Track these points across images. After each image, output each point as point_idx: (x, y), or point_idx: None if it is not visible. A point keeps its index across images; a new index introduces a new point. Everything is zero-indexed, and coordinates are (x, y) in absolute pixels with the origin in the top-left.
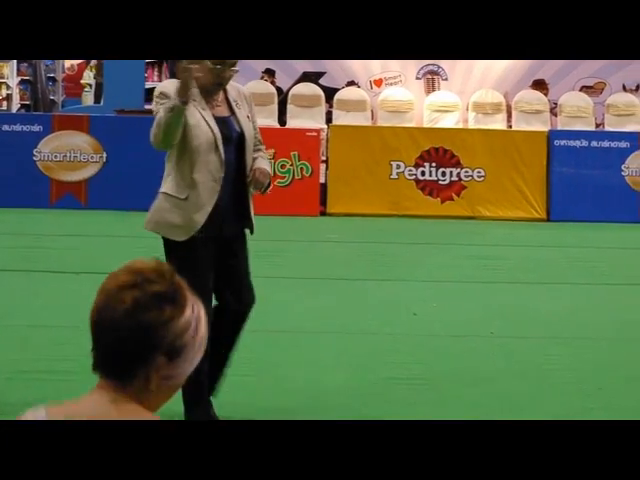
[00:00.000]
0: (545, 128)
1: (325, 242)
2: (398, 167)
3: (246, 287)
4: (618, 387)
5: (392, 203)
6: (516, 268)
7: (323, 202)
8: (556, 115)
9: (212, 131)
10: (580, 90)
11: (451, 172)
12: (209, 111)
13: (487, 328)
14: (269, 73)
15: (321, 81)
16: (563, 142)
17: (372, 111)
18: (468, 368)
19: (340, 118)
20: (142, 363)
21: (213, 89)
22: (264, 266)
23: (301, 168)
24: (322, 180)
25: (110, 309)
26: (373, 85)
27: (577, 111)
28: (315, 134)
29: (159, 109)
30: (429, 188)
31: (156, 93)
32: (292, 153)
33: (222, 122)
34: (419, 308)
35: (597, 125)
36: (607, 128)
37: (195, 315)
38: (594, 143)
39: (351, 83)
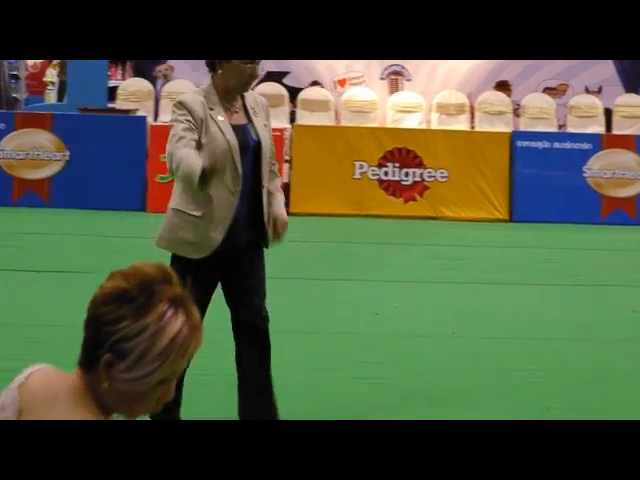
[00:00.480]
0: (508, 129)
1: (288, 242)
2: (361, 167)
3: (259, 300)
4: (579, 387)
5: (355, 203)
6: (478, 268)
7: (286, 202)
8: (519, 116)
9: (228, 142)
10: (543, 92)
11: (414, 172)
12: (226, 119)
13: (449, 328)
14: None
15: (285, 81)
16: (526, 143)
17: (336, 111)
18: (429, 368)
19: (304, 118)
20: (92, 356)
21: (240, 89)
22: None
23: None
24: (285, 180)
25: (94, 296)
26: (337, 85)
27: (540, 112)
28: (278, 134)
29: (179, 129)
30: (392, 188)
31: (176, 103)
32: None
33: (239, 130)
34: (381, 308)
35: (560, 126)
36: (569, 129)
37: (161, 324)
38: (556, 144)
39: (315, 83)
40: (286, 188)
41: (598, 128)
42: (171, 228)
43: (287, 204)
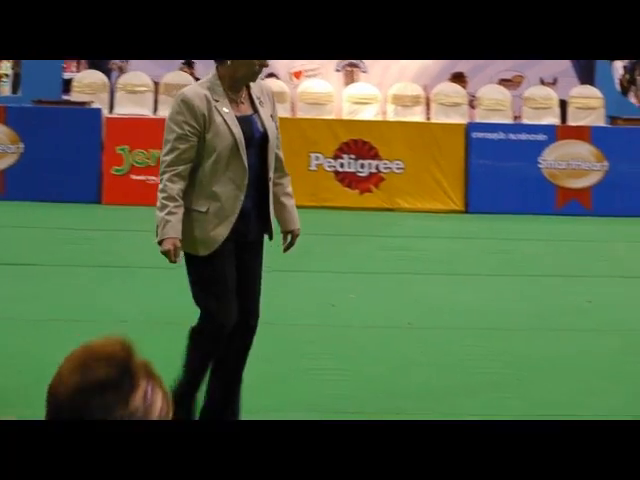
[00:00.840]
0: (463, 121)
1: None
2: (317, 159)
3: (254, 298)
4: (534, 378)
5: (311, 194)
6: (434, 259)
7: None
8: (474, 108)
9: (234, 135)
10: (498, 83)
11: (370, 164)
12: (232, 111)
13: (404, 319)
14: (188, 64)
15: None
16: (481, 134)
17: (292, 103)
18: (385, 359)
19: None
20: None
21: (249, 79)
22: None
23: None
24: None
25: (56, 391)
26: (292, 77)
27: (495, 104)
28: None
29: (172, 137)
30: (348, 180)
31: (177, 98)
32: None
33: (245, 121)
34: (337, 299)
35: (515, 118)
36: (524, 121)
37: (147, 405)
38: (512, 136)
39: (271, 75)
40: None
41: (553, 119)
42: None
43: None
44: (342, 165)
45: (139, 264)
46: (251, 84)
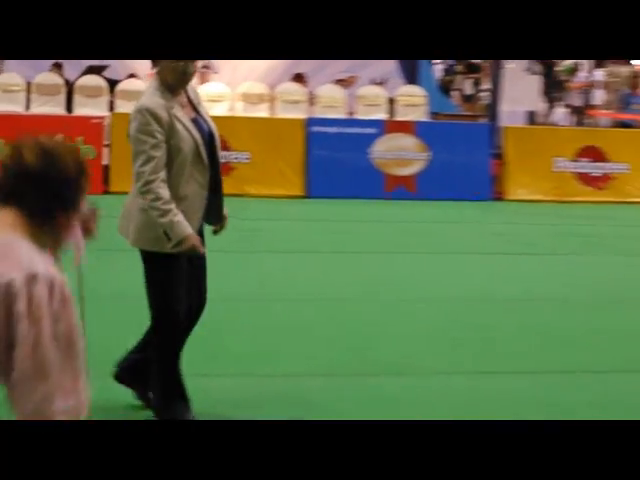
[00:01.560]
0: (304, 116)
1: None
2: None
3: (205, 281)
4: (366, 344)
5: None
6: (279, 239)
7: (106, 182)
8: (313, 105)
9: (194, 138)
10: (335, 83)
11: (222, 155)
12: (184, 115)
13: (254, 293)
14: (57, 66)
15: (105, 73)
16: (319, 129)
17: None
18: (228, 330)
19: (122, 107)
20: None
21: (180, 86)
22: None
23: (86, 151)
24: (105, 162)
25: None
26: (151, 77)
27: (331, 101)
28: (99, 121)
29: (148, 147)
30: None
31: (140, 109)
32: (78, 138)
33: (196, 123)
34: None
35: (349, 114)
36: (357, 116)
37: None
38: (346, 129)
39: (132, 75)
40: (106, 170)
41: (382, 115)
42: (147, 227)
43: (107, 184)
44: None
45: None
46: (187, 87)
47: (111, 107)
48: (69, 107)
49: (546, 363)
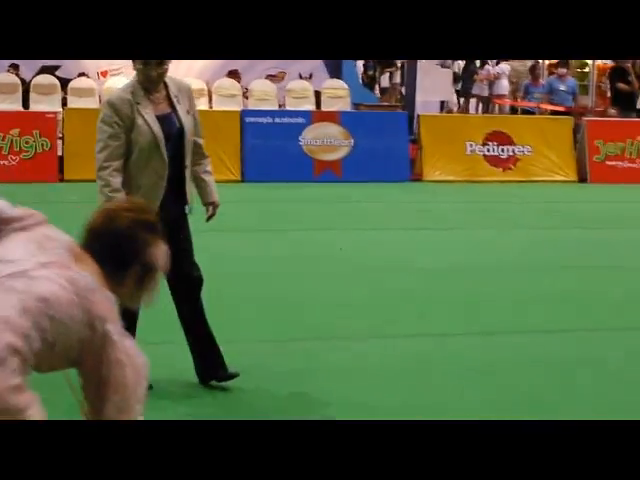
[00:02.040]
0: (239, 108)
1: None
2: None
3: (192, 257)
4: (289, 316)
5: None
6: (216, 219)
7: (61, 170)
8: (247, 98)
9: (154, 133)
10: (266, 78)
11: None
12: (151, 112)
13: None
14: (14, 67)
15: (58, 73)
16: (253, 119)
17: (99, 97)
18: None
19: (73, 103)
20: (125, 264)
21: (150, 86)
22: None
23: (42, 144)
24: (60, 153)
25: (110, 221)
26: (100, 76)
27: (264, 95)
28: (53, 116)
29: (105, 136)
30: None
31: (104, 103)
32: (34, 131)
33: (163, 120)
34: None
35: (280, 105)
36: (288, 108)
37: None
38: (277, 120)
39: (82, 74)
40: (60, 160)
41: (310, 106)
42: None
43: (61, 172)
44: None
45: None
46: (169, 83)
47: (64, 103)
48: (25, 104)
49: (454, 326)
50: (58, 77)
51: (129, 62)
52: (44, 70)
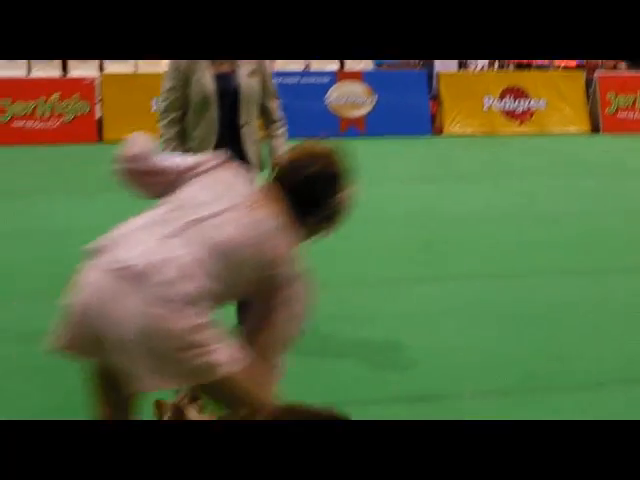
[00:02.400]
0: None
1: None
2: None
3: None
4: (340, 259)
5: (154, 130)
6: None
7: (100, 133)
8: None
9: (205, 89)
10: None
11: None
12: (210, 70)
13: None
14: None
15: None
16: (281, 80)
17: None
18: None
19: (109, 67)
20: (313, 207)
21: None
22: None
23: (82, 107)
24: (98, 115)
25: (304, 163)
26: None
27: None
28: (91, 81)
29: (165, 89)
30: None
31: (169, 68)
32: (74, 95)
33: (221, 78)
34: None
35: (305, 66)
36: (313, 69)
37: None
38: (304, 80)
39: None
40: (99, 122)
41: (334, 66)
42: None
43: (100, 134)
44: None
45: None
46: None
47: (101, 68)
48: (64, 70)
49: (479, 268)
50: None
51: None
52: None
